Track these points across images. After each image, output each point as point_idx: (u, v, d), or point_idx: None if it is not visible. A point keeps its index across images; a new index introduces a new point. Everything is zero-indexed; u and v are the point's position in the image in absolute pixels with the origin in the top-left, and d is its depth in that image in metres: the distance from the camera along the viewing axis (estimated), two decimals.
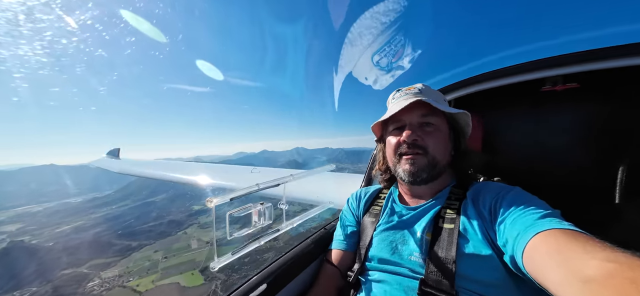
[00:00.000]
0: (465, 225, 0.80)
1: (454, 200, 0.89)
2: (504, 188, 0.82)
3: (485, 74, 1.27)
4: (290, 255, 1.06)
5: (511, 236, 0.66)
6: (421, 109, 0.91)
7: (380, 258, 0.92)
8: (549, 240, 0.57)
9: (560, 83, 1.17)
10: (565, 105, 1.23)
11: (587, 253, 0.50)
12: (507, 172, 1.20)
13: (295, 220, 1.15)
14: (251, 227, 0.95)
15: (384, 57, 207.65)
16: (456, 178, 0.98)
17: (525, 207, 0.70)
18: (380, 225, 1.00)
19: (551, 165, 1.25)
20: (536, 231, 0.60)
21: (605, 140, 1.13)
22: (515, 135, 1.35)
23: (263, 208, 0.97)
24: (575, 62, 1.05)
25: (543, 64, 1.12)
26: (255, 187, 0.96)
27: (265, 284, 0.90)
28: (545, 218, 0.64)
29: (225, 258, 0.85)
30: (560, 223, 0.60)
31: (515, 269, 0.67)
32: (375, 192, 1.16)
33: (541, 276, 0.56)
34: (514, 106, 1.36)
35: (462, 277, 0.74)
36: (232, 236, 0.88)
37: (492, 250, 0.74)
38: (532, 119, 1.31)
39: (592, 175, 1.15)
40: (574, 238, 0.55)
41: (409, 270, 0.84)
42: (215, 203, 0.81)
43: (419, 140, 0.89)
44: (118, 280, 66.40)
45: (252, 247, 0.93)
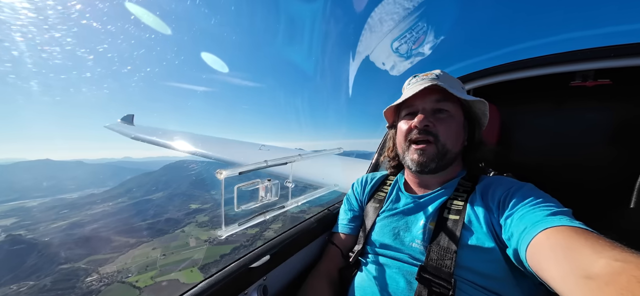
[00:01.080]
0: (471, 218, 0.80)
1: (461, 192, 0.88)
2: (516, 184, 0.80)
3: (508, 64, 1.23)
4: (293, 232, 1.08)
5: (517, 231, 0.65)
6: (435, 94, 0.90)
7: (382, 242, 0.93)
8: (556, 236, 0.56)
9: (592, 78, 1.09)
10: (594, 103, 1.16)
11: (595, 251, 0.48)
12: (521, 168, 1.17)
13: (300, 199, 1.18)
14: (258, 202, 0.97)
15: (403, 43, 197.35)
16: (466, 169, 0.97)
17: (535, 203, 0.68)
18: (384, 211, 1.01)
19: (568, 164, 1.20)
20: (544, 227, 0.59)
21: (629, 142, 1.08)
22: (534, 130, 1.30)
23: (270, 184, 0.99)
24: (610, 57, 0.99)
25: (574, 57, 1.06)
26: (264, 163, 0.98)
27: (269, 255, 0.93)
28: (555, 215, 0.62)
29: (232, 227, 0.88)
30: (570, 221, 0.59)
31: (518, 263, 0.66)
32: (381, 178, 1.17)
33: (543, 271, 0.55)
34: (537, 100, 1.30)
35: (462, 267, 0.75)
36: (240, 209, 0.90)
37: (495, 243, 0.73)
38: (555, 116, 1.26)
39: (611, 178, 1.10)
40: (583, 236, 0.53)
41: (409, 256, 0.85)
42: (224, 176, 0.83)
43: (430, 126, 0.88)
44: (117, 276, 66.83)
45: (257, 220, 0.96)
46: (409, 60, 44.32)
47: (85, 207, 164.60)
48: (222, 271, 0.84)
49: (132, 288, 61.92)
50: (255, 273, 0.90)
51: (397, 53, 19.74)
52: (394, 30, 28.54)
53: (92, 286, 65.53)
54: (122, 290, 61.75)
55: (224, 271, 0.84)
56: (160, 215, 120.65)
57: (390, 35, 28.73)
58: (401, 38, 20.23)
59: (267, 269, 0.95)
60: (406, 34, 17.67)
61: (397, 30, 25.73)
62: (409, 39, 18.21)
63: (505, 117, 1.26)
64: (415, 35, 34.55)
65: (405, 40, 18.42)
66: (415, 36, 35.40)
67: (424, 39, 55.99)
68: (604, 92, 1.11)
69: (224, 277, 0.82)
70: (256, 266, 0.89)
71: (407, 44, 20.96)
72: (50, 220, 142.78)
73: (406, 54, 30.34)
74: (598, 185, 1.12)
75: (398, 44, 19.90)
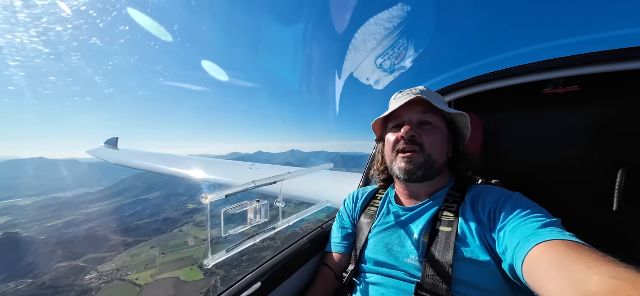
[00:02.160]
0: (464, 229, 0.80)
1: (451, 202, 0.88)
2: (505, 194, 0.81)
3: (485, 75, 1.28)
4: (286, 254, 1.04)
5: (511, 245, 0.66)
6: (421, 107, 0.92)
7: (376, 260, 0.92)
8: (551, 251, 0.57)
9: (562, 86, 1.16)
10: (566, 108, 1.23)
11: (589, 267, 0.49)
12: (506, 174, 1.20)
13: (291, 219, 1.14)
14: (247, 225, 0.94)
15: (386, 59, 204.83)
16: (454, 179, 0.98)
17: (525, 214, 0.69)
18: (376, 226, 1.00)
19: (551, 167, 1.26)
20: (537, 241, 0.60)
21: (605, 144, 1.13)
22: (515, 137, 1.36)
23: (259, 206, 0.96)
24: (578, 65, 1.05)
25: (545, 66, 1.12)
26: (252, 184, 0.95)
27: (260, 282, 0.89)
28: (546, 227, 0.63)
29: (219, 255, 0.84)
30: (561, 233, 0.60)
31: (514, 278, 0.66)
32: (372, 193, 1.16)
33: (541, 288, 0.55)
34: (515, 108, 1.36)
35: (459, 282, 0.74)
36: (227, 234, 0.87)
37: (490, 256, 0.73)
38: (532, 122, 1.32)
39: (592, 180, 1.15)
40: (576, 251, 0.54)
41: (405, 273, 0.83)
42: (210, 200, 0.80)
43: (417, 137, 0.90)
44: (116, 274, 67.05)
45: (247, 245, 0.92)
46: (392, 74, 44.20)
47: (81, 206, 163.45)
48: None
49: (132, 285, 62.32)
50: None
51: (382, 68, 20.06)
52: (376, 47, 29.52)
53: (91, 284, 65.76)
54: (122, 288, 62.08)
55: None
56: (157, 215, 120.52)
57: (373, 52, 29.75)
58: (383, 55, 20.82)
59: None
60: (388, 50, 18.10)
61: (379, 47, 26.59)
62: (391, 54, 18.72)
63: (487, 125, 1.30)
64: (397, 52, 35.27)
65: (387, 57, 18.96)
66: (397, 53, 35.91)
67: (404, 55, 56.54)
68: (574, 97, 1.18)
69: None
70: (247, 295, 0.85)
71: (391, 60, 21.40)
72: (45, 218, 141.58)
73: (390, 69, 30.44)
74: (582, 188, 1.17)
75: (382, 61, 20.62)
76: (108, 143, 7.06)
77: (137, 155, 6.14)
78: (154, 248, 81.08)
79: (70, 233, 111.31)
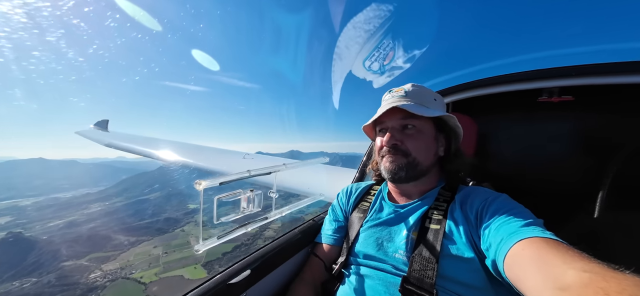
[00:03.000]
0: (451, 227, 0.83)
1: (441, 201, 0.91)
2: (492, 195, 0.84)
3: (484, 79, 1.31)
4: (276, 244, 1.06)
5: (495, 242, 0.69)
6: (401, 113, 0.94)
7: (365, 253, 0.94)
8: (531, 247, 0.60)
9: (556, 94, 1.18)
10: (559, 117, 1.26)
11: (565, 262, 0.52)
12: (497, 177, 1.25)
13: (284, 209, 1.15)
14: (239, 213, 0.95)
15: (386, 57, 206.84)
16: (445, 179, 1.00)
17: (510, 214, 0.72)
18: (367, 221, 1.02)
19: (539, 174, 1.29)
20: (519, 238, 0.63)
21: (592, 154, 1.17)
22: (507, 142, 1.39)
23: (253, 195, 0.96)
24: (573, 75, 1.08)
25: (541, 75, 1.15)
26: (247, 173, 0.95)
27: (250, 270, 0.90)
28: (528, 226, 0.66)
29: (210, 241, 0.85)
30: (542, 232, 0.63)
31: (496, 273, 0.70)
32: (365, 188, 1.19)
33: (520, 282, 0.58)
34: (509, 113, 1.40)
35: (444, 277, 0.77)
36: (219, 221, 0.88)
37: (474, 253, 0.76)
38: (525, 128, 1.35)
39: (577, 187, 1.19)
40: (555, 247, 0.57)
41: (393, 267, 0.86)
42: (203, 186, 0.80)
43: (398, 144, 0.93)
44: (120, 272, 68.18)
45: (238, 233, 0.93)
46: (391, 74, 45.08)
47: (82, 206, 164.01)
48: (199, 288, 0.80)
49: (137, 283, 63.46)
50: (234, 290, 0.86)
51: (374, 70, 20.57)
52: (374, 44, 29.75)
53: (96, 282, 66.82)
54: (127, 286, 63.26)
55: (201, 288, 0.80)
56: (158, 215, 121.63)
57: (370, 51, 30.13)
58: (383, 52, 20.98)
59: (248, 284, 0.91)
60: (387, 48, 18.35)
61: (378, 44, 26.75)
62: (390, 52, 19.04)
63: (482, 128, 1.33)
64: (397, 52, 35.27)
65: (387, 56, 19.06)
66: (396, 51, 36.01)
67: (403, 54, 56.94)
68: (567, 107, 1.20)
69: (200, 294, 0.78)
70: (235, 282, 0.86)
71: (380, 60, 21.88)
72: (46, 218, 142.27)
73: (380, 70, 31.04)
74: (568, 194, 1.21)
75: (381, 59, 20.78)
76: (98, 125, 6.79)
77: (127, 138, 5.84)
78: (157, 248, 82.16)
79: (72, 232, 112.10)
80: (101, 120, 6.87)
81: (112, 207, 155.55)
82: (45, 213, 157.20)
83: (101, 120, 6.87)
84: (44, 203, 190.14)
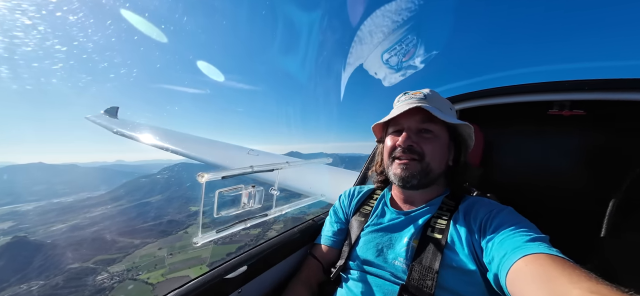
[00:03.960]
0: (454, 237, 0.81)
1: (445, 210, 0.89)
2: (497, 207, 0.82)
3: (494, 89, 1.29)
4: (275, 242, 1.05)
5: (498, 256, 0.67)
6: (421, 115, 0.92)
7: (364, 258, 0.92)
8: (535, 263, 0.58)
9: (568, 108, 1.15)
10: (569, 131, 1.22)
11: (571, 282, 0.50)
12: (502, 189, 1.22)
13: (284, 207, 1.15)
14: (239, 208, 0.94)
15: (396, 56, 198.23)
16: (450, 188, 0.99)
17: (515, 228, 0.70)
18: (368, 226, 1.00)
19: (546, 188, 1.26)
20: (523, 253, 0.61)
21: (601, 171, 1.14)
22: (514, 153, 1.36)
23: (254, 191, 0.96)
24: (585, 90, 1.05)
25: (553, 87, 1.12)
26: (249, 168, 0.95)
27: (246, 266, 0.89)
28: (533, 241, 0.64)
29: (209, 234, 0.85)
30: (548, 248, 0.61)
31: (498, 288, 0.68)
32: (368, 192, 1.17)
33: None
34: (518, 125, 1.37)
35: (443, 288, 0.75)
36: (219, 215, 0.88)
37: (476, 265, 0.74)
38: (533, 140, 1.32)
39: (584, 204, 1.15)
40: (560, 265, 0.55)
41: (391, 275, 0.85)
42: (206, 179, 0.80)
43: (415, 146, 0.90)
44: (127, 274, 69.10)
45: (237, 228, 0.92)
46: (400, 73, 45.42)
47: (84, 210, 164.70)
48: (195, 281, 0.80)
49: (144, 284, 64.43)
50: (230, 285, 0.86)
51: (390, 65, 21.14)
52: (384, 42, 30.19)
53: (103, 284, 67.72)
54: (135, 287, 64.28)
55: (197, 281, 0.80)
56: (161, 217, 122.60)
57: (381, 47, 30.69)
58: (393, 50, 21.11)
59: (244, 280, 0.91)
60: (402, 49, 18.86)
61: (388, 42, 27.21)
62: (407, 53, 19.67)
63: (489, 138, 1.30)
64: (414, 53, 35.96)
65: (397, 54, 19.70)
66: (414, 53, 36.79)
67: (422, 57, 57.70)
68: (578, 121, 1.17)
69: (196, 288, 0.78)
70: (231, 277, 0.85)
71: (399, 58, 22.61)
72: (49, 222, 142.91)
73: (397, 67, 31.70)
74: (570, 208, 1.18)
75: (389, 56, 21.01)
76: (108, 112, 6.72)
77: (134, 127, 5.84)
78: (162, 249, 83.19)
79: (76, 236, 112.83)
80: (111, 107, 6.83)
81: (114, 210, 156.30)
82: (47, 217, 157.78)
83: (111, 107, 6.83)
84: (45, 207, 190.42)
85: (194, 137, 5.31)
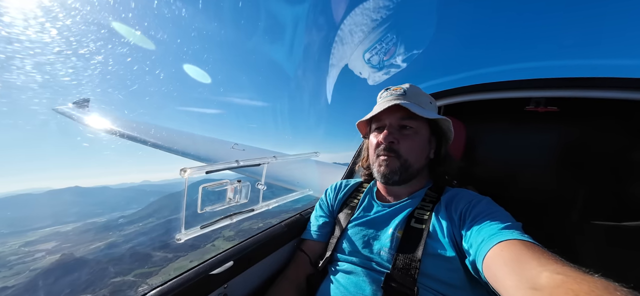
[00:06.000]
0: (436, 227, 0.85)
1: (428, 202, 0.93)
2: (476, 197, 0.86)
3: (475, 85, 1.34)
4: (261, 236, 1.04)
5: (475, 243, 0.71)
6: (401, 112, 0.95)
7: (351, 250, 0.95)
8: (509, 249, 0.62)
9: (543, 105, 1.20)
10: (544, 127, 1.28)
11: (541, 264, 0.54)
12: (481, 181, 1.29)
13: (271, 202, 1.13)
14: (225, 204, 0.92)
15: (377, 55, 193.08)
16: (433, 181, 1.02)
17: (491, 217, 0.74)
18: (355, 218, 1.02)
19: (521, 179, 1.32)
20: (498, 240, 0.65)
21: (572, 165, 1.21)
22: (493, 147, 1.43)
23: (240, 186, 0.94)
24: (560, 87, 1.11)
25: (530, 85, 1.17)
26: (235, 163, 0.93)
27: (232, 261, 0.88)
28: (508, 229, 0.68)
29: (192, 231, 0.83)
30: (521, 235, 0.65)
31: (475, 273, 0.72)
32: (354, 185, 1.19)
33: (497, 282, 0.61)
34: (497, 120, 1.43)
35: (425, 275, 0.79)
36: (204, 211, 0.86)
37: (455, 252, 0.78)
38: (511, 135, 1.38)
39: (557, 195, 1.22)
40: (531, 250, 0.59)
41: (377, 264, 0.87)
42: (188, 174, 0.77)
43: (395, 143, 0.94)
44: None
45: (222, 224, 0.91)
46: (382, 71, 45.56)
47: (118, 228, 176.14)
48: (179, 278, 0.78)
49: None
50: (215, 281, 0.85)
51: (371, 65, 22.14)
52: (365, 41, 31.04)
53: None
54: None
55: (181, 278, 0.78)
56: None
57: (363, 47, 31.58)
58: (374, 49, 22.07)
59: (230, 276, 0.90)
60: (384, 46, 19.91)
61: (368, 42, 28.26)
62: (383, 50, 20.63)
63: (470, 133, 1.34)
64: (395, 50, 36.47)
65: (379, 52, 20.66)
66: (393, 50, 37.25)
67: (396, 52, 57.03)
68: (552, 117, 1.22)
69: (180, 284, 0.76)
70: (217, 273, 0.84)
71: (381, 55, 23.46)
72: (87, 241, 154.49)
73: (379, 66, 32.43)
74: (548, 201, 1.24)
75: (370, 55, 22.16)
76: (76, 104, 6.34)
77: (112, 120, 5.58)
78: (193, 262, 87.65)
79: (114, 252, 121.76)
80: (80, 99, 6.46)
81: (145, 228, 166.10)
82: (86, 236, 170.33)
83: (80, 99, 6.46)
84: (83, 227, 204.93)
85: (175, 131, 5.17)
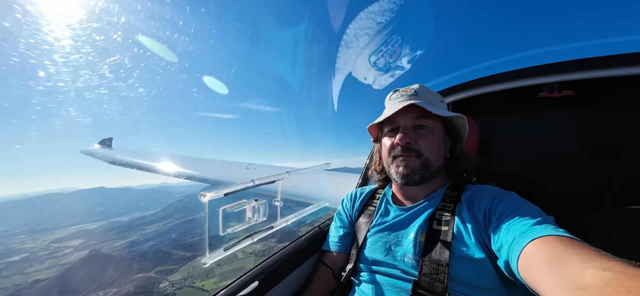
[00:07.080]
0: (460, 228, 0.80)
1: (448, 202, 0.89)
2: (499, 193, 0.82)
3: (483, 78, 1.30)
4: (283, 253, 1.04)
5: (506, 242, 0.66)
6: (415, 111, 0.92)
7: (373, 259, 0.92)
8: (545, 246, 0.57)
9: (557, 90, 1.16)
10: (561, 112, 1.23)
11: (583, 261, 0.49)
12: (502, 176, 1.21)
13: (289, 218, 1.14)
14: (245, 223, 0.94)
15: (382, 57, 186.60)
16: (451, 180, 0.99)
17: (520, 212, 0.69)
18: (374, 225, 1.00)
19: (544, 171, 1.26)
20: (532, 237, 0.60)
21: (597, 148, 1.14)
22: (510, 139, 1.37)
23: (257, 204, 0.95)
24: (572, 70, 1.07)
25: (541, 71, 1.14)
26: (251, 182, 0.94)
27: (257, 281, 0.88)
28: (540, 224, 0.63)
29: (216, 253, 0.85)
30: (555, 229, 0.60)
31: (509, 274, 0.66)
32: (370, 192, 1.16)
33: (535, 283, 0.56)
34: (510, 111, 1.37)
35: (455, 280, 0.74)
36: (225, 232, 0.87)
37: (485, 254, 0.73)
38: (527, 125, 1.32)
39: (584, 182, 1.15)
40: (570, 246, 0.54)
41: (402, 272, 0.84)
42: (208, 198, 0.79)
43: (412, 143, 0.91)
44: (184, 282, 77.75)
45: (244, 244, 0.92)
46: (389, 75, 44.08)
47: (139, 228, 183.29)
48: None
49: (201, 291, 72.31)
50: None
51: (377, 67, 21.82)
52: (370, 45, 30.60)
53: (166, 290, 76.93)
54: (193, 293, 72.35)
55: None
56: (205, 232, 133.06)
57: (369, 50, 31.26)
58: (379, 52, 21.79)
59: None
60: (387, 49, 19.70)
61: (374, 45, 28.02)
62: (387, 52, 20.48)
63: (483, 128, 1.30)
64: (399, 51, 35.81)
65: (383, 55, 20.42)
66: (398, 52, 36.64)
67: (401, 55, 55.45)
68: (568, 101, 1.18)
69: None
70: (244, 294, 0.84)
71: (386, 58, 23.15)
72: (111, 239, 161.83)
73: (385, 68, 31.40)
74: (575, 190, 1.18)
75: (376, 58, 21.87)
76: (102, 144, 6.87)
77: (130, 154, 5.93)
78: (221, 266, 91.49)
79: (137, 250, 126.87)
80: (105, 139, 7.10)
81: (165, 227, 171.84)
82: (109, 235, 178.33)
83: (105, 139, 7.10)
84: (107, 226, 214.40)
85: (191, 158, 5.35)
